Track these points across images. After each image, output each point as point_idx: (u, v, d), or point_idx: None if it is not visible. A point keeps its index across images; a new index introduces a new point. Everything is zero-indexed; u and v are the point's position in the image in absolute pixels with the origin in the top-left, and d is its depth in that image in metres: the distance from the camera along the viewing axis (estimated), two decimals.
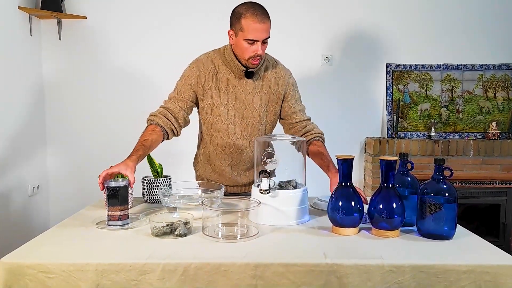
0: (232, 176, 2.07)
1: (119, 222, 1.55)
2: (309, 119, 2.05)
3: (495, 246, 1.39)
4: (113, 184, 1.56)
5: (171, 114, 1.91)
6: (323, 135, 2.03)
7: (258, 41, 1.81)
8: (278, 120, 2.08)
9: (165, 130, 1.88)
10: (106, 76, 3.37)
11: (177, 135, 1.96)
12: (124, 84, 3.38)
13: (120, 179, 1.61)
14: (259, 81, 1.95)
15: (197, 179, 2.15)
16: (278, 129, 2.09)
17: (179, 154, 2.09)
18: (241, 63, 1.89)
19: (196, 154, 2.19)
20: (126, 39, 3.35)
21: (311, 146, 1.95)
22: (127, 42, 3.35)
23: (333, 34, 3.40)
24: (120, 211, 1.55)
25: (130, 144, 1.79)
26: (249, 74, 1.92)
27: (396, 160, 1.49)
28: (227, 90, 1.93)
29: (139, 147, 1.76)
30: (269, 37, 1.85)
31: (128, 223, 1.57)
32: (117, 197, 1.54)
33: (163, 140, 1.90)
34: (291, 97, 2.00)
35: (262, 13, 1.80)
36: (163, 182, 1.91)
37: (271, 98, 1.98)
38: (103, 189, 1.57)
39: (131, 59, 3.36)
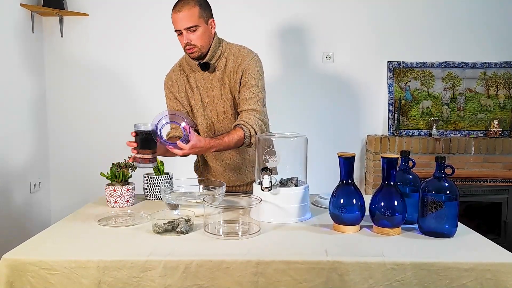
0: (227, 176, 2.04)
1: (150, 165, 1.59)
2: (253, 110, 1.84)
3: (496, 244, 1.39)
4: (143, 128, 1.57)
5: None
6: (255, 127, 1.80)
7: (181, 30, 1.78)
8: None
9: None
10: (107, 73, 3.37)
11: None
12: (125, 82, 3.38)
13: (149, 124, 1.59)
14: (222, 72, 1.89)
15: None
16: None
17: None
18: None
19: (195, 160, 2.20)
20: (128, 36, 3.35)
21: None
22: (129, 39, 3.35)
23: (334, 31, 3.40)
24: (151, 154, 1.58)
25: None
26: (204, 67, 1.86)
27: (398, 157, 1.49)
28: (198, 89, 1.93)
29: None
30: (194, 25, 1.76)
31: (156, 165, 1.65)
32: (149, 140, 1.56)
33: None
34: (245, 83, 1.85)
35: (182, 2, 1.77)
36: (165, 179, 1.91)
37: (232, 87, 1.88)
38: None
39: (133, 57, 3.36)
